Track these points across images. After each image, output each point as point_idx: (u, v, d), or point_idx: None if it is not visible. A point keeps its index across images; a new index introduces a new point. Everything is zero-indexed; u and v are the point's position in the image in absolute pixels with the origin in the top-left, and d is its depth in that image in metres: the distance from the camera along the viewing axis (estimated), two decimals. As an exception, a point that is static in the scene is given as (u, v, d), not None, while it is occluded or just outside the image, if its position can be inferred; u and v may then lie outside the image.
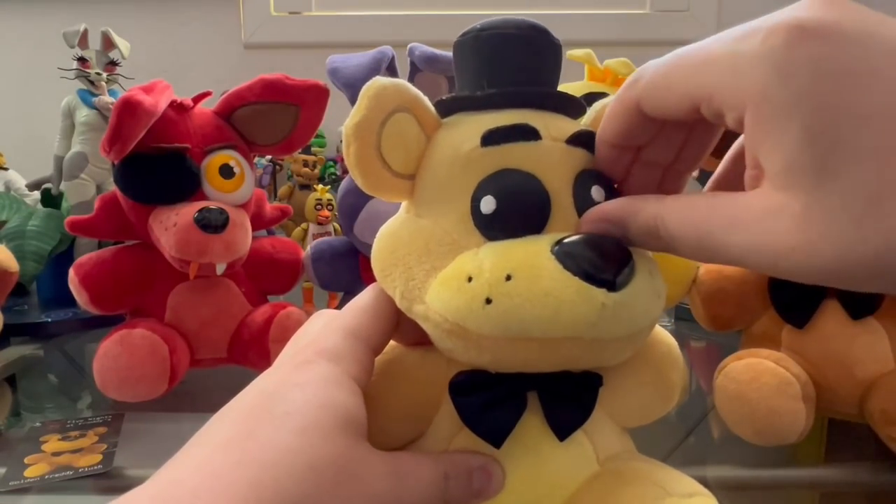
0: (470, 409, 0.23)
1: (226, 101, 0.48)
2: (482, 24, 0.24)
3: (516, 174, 0.22)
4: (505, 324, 0.20)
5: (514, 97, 0.24)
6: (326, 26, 1.11)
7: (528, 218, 0.22)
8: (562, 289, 0.19)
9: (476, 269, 0.21)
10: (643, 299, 0.21)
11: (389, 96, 0.22)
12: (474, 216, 0.22)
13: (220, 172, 0.46)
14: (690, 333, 0.63)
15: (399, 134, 0.23)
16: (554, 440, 0.23)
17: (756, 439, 0.36)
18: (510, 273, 0.20)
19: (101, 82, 0.72)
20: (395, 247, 0.24)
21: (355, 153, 0.23)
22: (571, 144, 0.23)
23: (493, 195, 0.22)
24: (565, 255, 0.20)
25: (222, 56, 1.11)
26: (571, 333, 0.20)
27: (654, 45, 1.10)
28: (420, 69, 0.54)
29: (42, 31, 1.04)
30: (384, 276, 0.24)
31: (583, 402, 0.24)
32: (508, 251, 0.21)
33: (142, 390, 0.42)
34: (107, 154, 0.43)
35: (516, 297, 0.20)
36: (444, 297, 0.21)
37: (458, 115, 0.24)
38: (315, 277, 0.55)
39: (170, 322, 0.46)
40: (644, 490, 0.22)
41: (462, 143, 0.23)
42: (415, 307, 0.23)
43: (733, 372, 0.37)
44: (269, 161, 0.94)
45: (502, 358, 0.22)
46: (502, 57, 0.24)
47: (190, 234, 0.42)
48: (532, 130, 0.23)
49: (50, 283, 0.74)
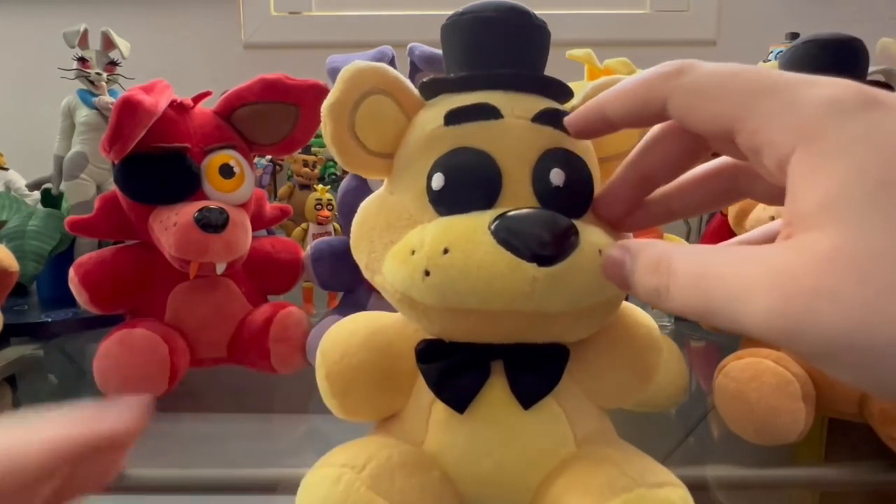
0: (432, 375, 0.24)
1: (226, 101, 0.48)
2: (464, 8, 0.25)
3: (469, 152, 0.23)
4: (442, 294, 0.21)
5: (486, 79, 0.24)
6: (326, 26, 1.11)
7: (474, 194, 0.23)
8: (494, 262, 0.20)
9: (419, 243, 0.22)
10: (584, 276, 0.21)
11: (364, 79, 0.24)
12: (428, 193, 0.24)
13: (220, 172, 0.46)
14: (690, 333, 0.63)
15: (373, 115, 0.24)
16: (521, 410, 0.24)
17: (756, 439, 0.36)
18: (447, 247, 0.21)
19: (101, 82, 0.72)
20: (364, 220, 0.25)
21: (330, 132, 0.24)
22: (537, 122, 0.24)
23: (442, 172, 0.23)
24: (501, 230, 0.21)
25: (222, 56, 1.11)
26: (507, 306, 0.21)
27: (654, 45, 1.10)
28: (420, 69, 0.54)
29: (42, 31, 1.04)
30: (354, 247, 0.26)
31: (548, 373, 0.24)
32: (449, 226, 0.22)
33: (142, 390, 0.42)
34: (107, 154, 0.43)
35: (451, 269, 0.21)
36: (392, 269, 0.23)
37: (441, 97, 0.25)
38: (315, 277, 0.55)
39: (170, 322, 0.46)
40: (615, 478, 0.22)
41: (428, 123, 0.24)
42: (376, 278, 0.24)
43: (733, 371, 0.37)
44: (269, 161, 0.93)
45: (450, 328, 0.23)
46: (480, 39, 0.25)
47: (190, 234, 0.42)
48: (492, 109, 0.24)
49: (50, 283, 0.74)
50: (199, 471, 0.38)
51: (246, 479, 0.38)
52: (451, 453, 0.24)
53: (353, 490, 0.21)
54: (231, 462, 0.40)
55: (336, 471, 0.22)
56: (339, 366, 0.26)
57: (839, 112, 0.15)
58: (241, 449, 0.42)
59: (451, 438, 0.24)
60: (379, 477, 0.22)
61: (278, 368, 0.46)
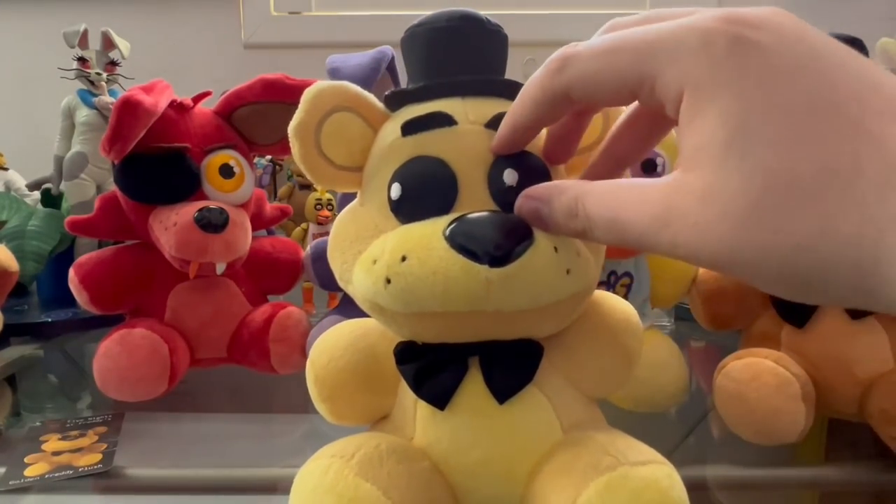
0: (410, 375, 0.25)
1: (226, 101, 0.48)
2: (420, 20, 0.26)
3: (424, 160, 0.24)
4: (404, 301, 0.22)
5: (438, 87, 0.25)
6: (326, 26, 1.11)
7: (431, 201, 0.23)
8: (448, 266, 0.21)
9: (380, 252, 0.23)
10: (540, 274, 0.21)
11: (325, 98, 0.25)
12: (389, 202, 0.24)
13: (220, 172, 0.46)
14: (690, 333, 0.63)
15: (338, 132, 0.25)
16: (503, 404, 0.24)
17: (756, 439, 0.36)
18: (405, 254, 0.22)
19: (101, 82, 0.72)
20: (336, 232, 0.26)
21: (298, 153, 0.25)
22: (491, 128, 0.24)
23: (399, 181, 0.24)
24: (454, 235, 0.21)
25: (222, 56, 1.11)
26: (467, 308, 0.21)
27: (654, 45, 1.10)
28: (420, 69, 0.54)
29: (42, 31, 1.03)
30: (330, 258, 0.26)
31: (522, 368, 0.25)
32: (407, 234, 0.22)
33: (142, 390, 0.42)
34: (107, 154, 0.43)
35: (409, 276, 0.21)
36: (359, 278, 0.23)
37: (405, 108, 0.26)
38: (315, 277, 0.55)
39: (170, 322, 0.46)
40: (599, 458, 0.22)
41: (388, 134, 0.25)
42: (348, 287, 0.25)
43: (733, 372, 0.37)
44: (269, 161, 0.93)
45: (419, 331, 0.24)
46: (435, 49, 0.26)
47: (190, 234, 0.42)
48: (446, 117, 0.24)
49: (50, 283, 0.74)
50: (198, 471, 0.38)
51: (245, 479, 0.38)
52: (438, 447, 0.25)
53: (342, 477, 0.22)
54: (231, 462, 0.40)
55: (326, 461, 0.23)
56: (326, 370, 0.27)
57: (710, 57, 0.17)
58: (240, 449, 0.42)
59: (437, 433, 0.25)
60: (367, 464, 0.22)
61: (278, 368, 0.46)
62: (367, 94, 0.26)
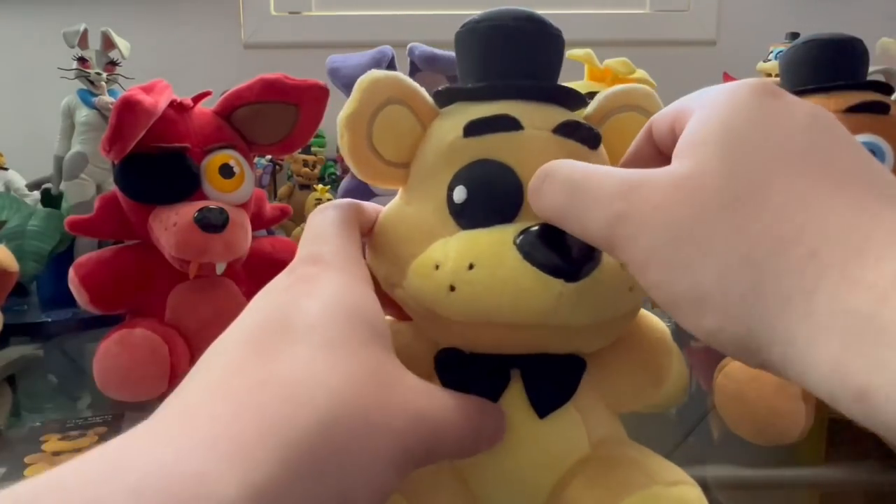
0: (453, 385, 0.24)
1: (225, 101, 0.48)
2: (480, 16, 0.25)
3: (490, 164, 0.23)
4: (468, 310, 0.21)
5: (503, 89, 0.24)
6: (326, 26, 1.11)
7: (497, 207, 0.23)
8: (520, 278, 0.20)
9: (443, 258, 0.22)
10: (607, 291, 0.21)
11: (381, 88, 0.23)
12: (449, 205, 0.23)
13: (220, 172, 0.46)
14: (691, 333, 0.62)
15: (391, 125, 0.24)
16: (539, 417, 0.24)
17: (756, 439, 0.36)
18: (473, 262, 0.21)
19: (101, 82, 0.72)
20: (382, 231, 0.25)
21: (348, 144, 0.24)
22: (558, 134, 0.23)
23: (464, 185, 0.23)
24: (527, 245, 0.21)
25: (222, 56, 1.11)
26: (533, 321, 0.21)
27: (654, 45, 1.10)
28: (420, 69, 0.54)
29: (42, 31, 1.04)
30: (372, 258, 0.25)
31: (565, 384, 0.24)
32: (474, 240, 0.22)
33: (142, 390, 0.42)
34: (107, 154, 0.43)
35: (477, 284, 0.21)
36: (415, 284, 0.22)
37: (456, 105, 0.25)
38: (315, 277, 0.55)
39: (170, 322, 0.46)
40: (631, 476, 0.22)
41: (447, 133, 0.24)
42: (396, 291, 0.24)
43: (733, 372, 0.37)
44: (269, 161, 0.94)
45: (472, 340, 0.23)
46: (497, 48, 0.24)
47: (190, 234, 0.42)
48: (513, 121, 0.23)
49: (50, 283, 0.73)
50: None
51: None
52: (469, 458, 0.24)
53: None
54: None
55: None
56: None
57: (732, 96, 0.18)
58: (240, 449, 0.42)
59: None
60: None
61: (278, 368, 0.46)
62: (420, 88, 0.25)
